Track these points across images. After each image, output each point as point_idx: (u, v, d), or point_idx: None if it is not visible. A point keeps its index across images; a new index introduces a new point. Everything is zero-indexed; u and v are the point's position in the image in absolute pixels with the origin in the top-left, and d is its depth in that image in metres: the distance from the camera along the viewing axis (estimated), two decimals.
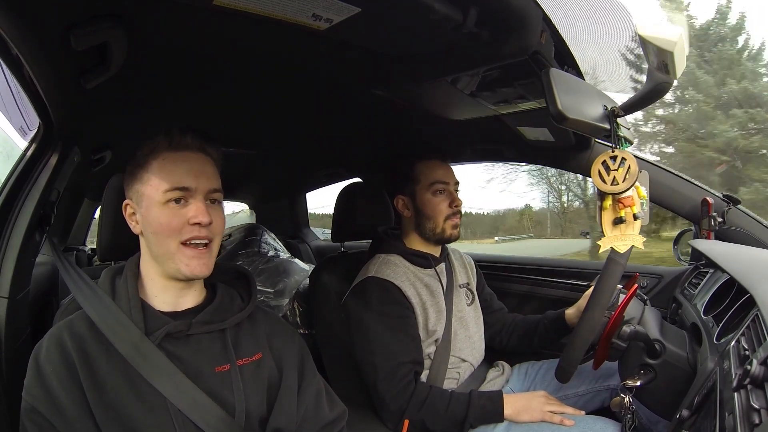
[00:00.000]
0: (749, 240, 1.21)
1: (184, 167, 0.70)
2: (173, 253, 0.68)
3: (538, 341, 1.22)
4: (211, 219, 0.69)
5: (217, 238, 0.72)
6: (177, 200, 0.69)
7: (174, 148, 0.71)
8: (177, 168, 0.69)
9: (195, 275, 0.69)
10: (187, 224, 0.68)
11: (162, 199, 0.68)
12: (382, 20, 0.73)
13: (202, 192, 0.70)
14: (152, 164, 0.70)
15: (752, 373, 0.49)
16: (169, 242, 0.68)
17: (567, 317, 1.16)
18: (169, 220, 0.68)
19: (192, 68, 0.89)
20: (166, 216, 0.68)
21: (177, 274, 0.69)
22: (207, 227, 0.69)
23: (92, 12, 0.61)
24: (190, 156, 0.71)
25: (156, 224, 0.68)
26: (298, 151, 1.73)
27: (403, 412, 0.97)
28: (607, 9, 0.80)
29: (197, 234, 0.68)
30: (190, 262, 0.69)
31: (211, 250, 0.71)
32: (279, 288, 1.54)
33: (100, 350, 0.65)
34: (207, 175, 0.71)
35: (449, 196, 1.16)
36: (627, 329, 0.82)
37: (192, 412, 0.65)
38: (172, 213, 0.68)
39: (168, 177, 0.69)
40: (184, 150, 0.71)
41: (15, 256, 0.84)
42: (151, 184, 0.69)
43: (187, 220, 0.68)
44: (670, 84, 0.68)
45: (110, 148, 1.26)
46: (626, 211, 0.81)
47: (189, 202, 0.69)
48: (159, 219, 0.68)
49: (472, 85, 0.97)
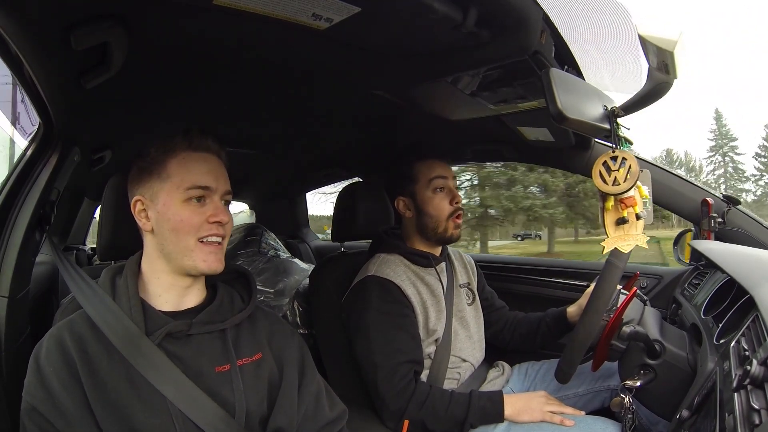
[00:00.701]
0: (749, 241, 1.21)
1: (205, 167, 0.72)
2: (191, 249, 0.70)
3: (541, 339, 1.22)
4: (228, 218, 0.73)
5: (227, 237, 0.75)
6: (198, 198, 0.71)
7: (194, 149, 0.73)
8: (198, 167, 0.72)
9: (212, 270, 0.72)
10: (206, 222, 0.71)
11: (183, 196, 0.70)
12: (382, 20, 0.73)
13: (221, 192, 0.73)
14: (171, 162, 0.71)
15: (752, 374, 0.49)
16: (188, 239, 0.70)
17: (569, 315, 1.16)
18: (190, 217, 0.70)
19: (192, 68, 0.89)
20: (187, 213, 0.70)
21: (193, 270, 0.71)
22: (224, 226, 0.72)
23: (92, 12, 0.61)
24: (210, 158, 0.74)
25: (176, 221, 0.70)
26: (298, 151, 1.73)
27: (403, 411, 0.97)
28: (607, 9, 0.80)
29: (216, 232, 0.71)
30: (207, 258, 0.71)
31: (222, 248, 0.74)
32: (279, 288, 1.54)
33: (100, 350, 0.65)
34: (224, 177, 0.75)
35: (449, 192, 1.16)
36: (627, 329, 0.82)
37: (192, 411, 0.65)
38: (192, 210, 0.71)
39: (189, 176, 0.71)
40: (204, 151, 0.74)
41: (15, 255, 0.84)
42: (171, 182, 0.71)
43: (206, 218, 0.71)
44: (670, 84, 0.68)
45: (110, 148, 1.26)
46: (628, 212, 0.81)
47: (207, 201, 0.72)
48: (179, 216, 0.70)
49: (472, 84, 0.97)
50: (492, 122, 1.22)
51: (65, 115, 0.85)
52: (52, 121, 0.85)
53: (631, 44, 0.73)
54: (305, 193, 2.65)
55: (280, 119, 1.32)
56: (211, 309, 0.73)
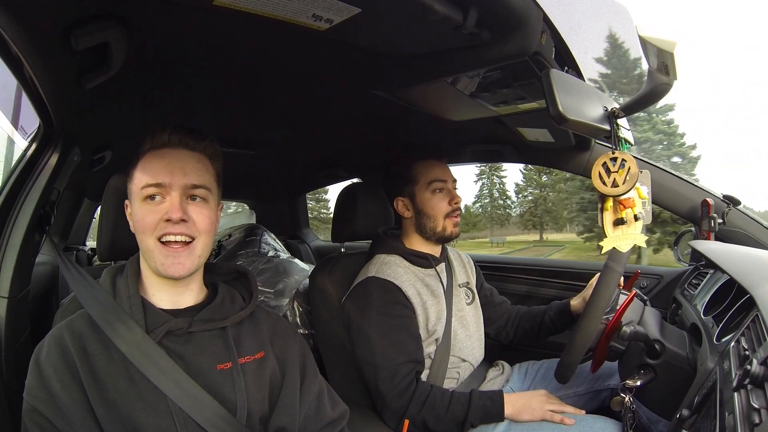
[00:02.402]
0: (749, 241, 1.21)
1: (161, 164, 0.69)
2: (151, 250, 0.68)
3: (546, 332, 1.22)
4: (183, 215, 0.67)
5: (201, 236, 0.70)
6: (152, 197, 0.68)
7: (155, 146, 0.71)
8: (153, 165, 0.69)
9: (170, 275, 0.68)
10: (161, 221, 0.67)
11: (140, 195, 0.69)
12: (383, 21, 0.73)
13: (179, 188, 0.68)
14: (138, 163, 0.71)
15: (752, 373, 0.49)
16: (147, 239, 0.68)
17: (573, 308, 1.17)
18: (143, 216, 0.68)
19: (192, 68, 0.89)
20: (141, 212, 0.68)
21: (156, 272, 0.69)
22: (183, 224, 0.67)
23: (92, 12, 0.61)
24: (169, 152, 0.70)
25: (136, 221, 0.69)
26: (298, 151, 1.73)
27: (404, 411, 0.97)
28: (607, 10, 0.80)
29: (170, 230, 0.67)
30: (165, 261, 0.67)
31: (191, 249, 0.69)
32: (279, 288, 1.53)
33: (100, 348, 0.65)
34: (185, 170, 0.69)
35: (448, 194, 1.16)
36: (627, 329, 0.82)
37: (193, 410, 0.64)
38: (147, 209, 0.68)
39: (144, 174, 0.69)
40: (163, 147, 0.71)
41: (15, 255, 0.84)
42: (134, 183, 0.71)
43: (162, 217, 0.67)
44: (671, 85, 0.68)
45: (110, 148, 1.26)
46: (627, 212, 0.81)
47: (166, 198, 0.68)
48: (137, 215, 0.69)
49: (472, 85, 0.97)
50: (492, 123, 1.22)
51: (65, 115, 0.85)
52: (52, 122, 0.85)
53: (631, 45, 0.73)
54: (305, 193, 2.65)
55: (280, 119, 1.32)
56: (212, 307, 0.73)
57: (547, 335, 1.23)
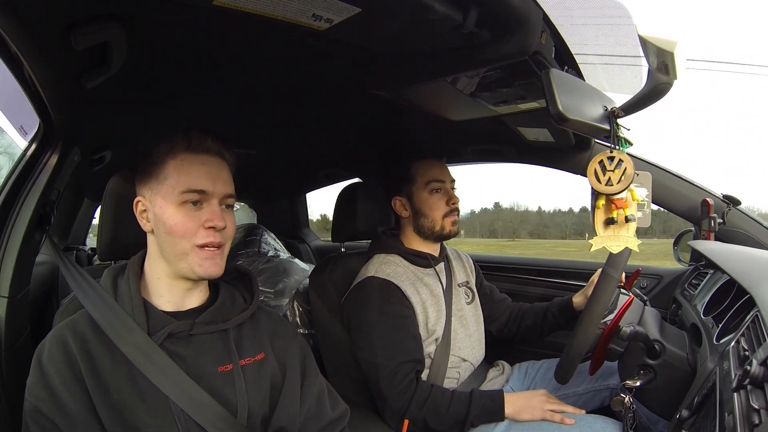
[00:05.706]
0: (749, 241, 1.21)
1: (203, 170, 0.69)
2: (187, 253, 0.68)
3: (548, 328, 1.23)
4: (225, 224, 0.69)
5: (228, 242, 0.72)
6: (194, 203, 0.69)
7: (193, 150, 0.70)
8: (195, 170, 0.69)
9: (209, 275, 0.70)
10: (201, 227, 0.68)
11: (178, 200, 0.68)
12: (382, 20, 0.73)
13: (219, 196, 0.70)
14: (169, 164, 0.69)
15: (752, 374, 0.49)
16: (183, 243, 0.68)
17: (575, 304, 1.17)
18: (184, 221, 0.68)
19: (192, 68, 0.89)
20: (181, 217, 0.68)
21: (190, 273, 0.69)
22: (221, 231, 0.69)
23: (92, 12, 0.61)
24: (209, 159, 0.71)
25: (170, 225, 0.68)
26: (298, 151, 1.73)
27: (405, 411, 0.97)
28: (608, 9, 0.80)
29: (212, 240, 0.68)
30: (203, 263, 0.69)
31: (223, 252, 0.71)
32: (279, 288, 1.53)
33: (103, 350, 0.65)
34: (223, 179, 0.71)
35: (446, 194, 1.17)
36: (627, 329, 0.82)
37: (194, 411, 0.65)
38: (187, 215, 0.68)
39: (185, 178, 0.68)
40: (203, 153, 0.71)
41: (15, 255, 0.84)
42: (167, 184, 0.69)
43: (202, 223, 0.68)
44: (671, 84, 0.68)
45: (110, 148, 1.26)
46: (618, 213, 0.81)
47: (204, 205, 0.69)
48: (174, 220, 0.68)
49: (471, 85, 0.97)
50: (492, 122, 1.22)
51: (65, 115, 0.85)
52: (52, 122, 0.85)
53: (632, 45, 0.74)
54: (305, 193, 2.65)
55: (280, 119, 1.31)
56: (214, 309, 0.73)
57: (550, 331, 1.23)
